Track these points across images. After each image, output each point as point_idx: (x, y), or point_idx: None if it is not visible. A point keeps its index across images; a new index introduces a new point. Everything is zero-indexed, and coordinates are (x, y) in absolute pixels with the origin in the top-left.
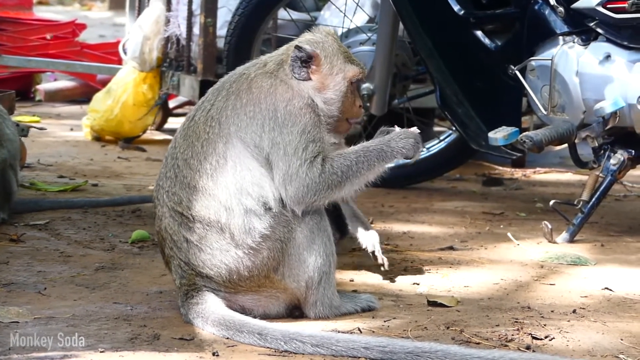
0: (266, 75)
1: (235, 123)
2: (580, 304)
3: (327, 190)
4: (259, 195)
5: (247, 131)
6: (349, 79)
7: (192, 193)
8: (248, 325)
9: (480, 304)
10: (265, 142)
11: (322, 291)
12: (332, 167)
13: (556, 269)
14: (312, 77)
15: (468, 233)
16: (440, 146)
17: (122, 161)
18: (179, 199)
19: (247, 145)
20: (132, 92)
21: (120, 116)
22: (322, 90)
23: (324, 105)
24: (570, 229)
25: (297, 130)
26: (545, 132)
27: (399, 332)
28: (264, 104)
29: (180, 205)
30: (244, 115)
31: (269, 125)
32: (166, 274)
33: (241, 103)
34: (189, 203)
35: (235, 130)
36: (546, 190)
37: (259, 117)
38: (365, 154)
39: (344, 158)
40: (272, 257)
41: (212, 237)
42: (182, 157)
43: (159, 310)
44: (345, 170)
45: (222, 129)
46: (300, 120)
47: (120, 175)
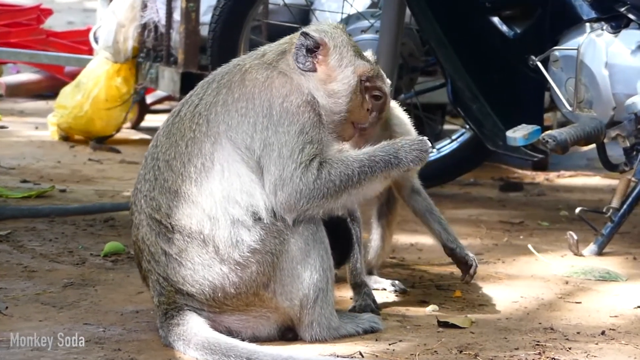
0: (263, 66)
1: (225, 121)
2: (610, 325)
3: (321, 198)
4: (248, 204)
5: (237, 131)
6: (359, 74)
7: (173, 199)
8: (235, 349)
9: (498, 325)
10: (256, 143)
11: (318, 310)
12: (330, 173)
13: (583, 285)
14: (317, 69)
15: (484, 245)
16: (452, 147)
17: (94, 164)
18: (157, 205)
19: (237, 147)
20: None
21: (91, 113)
22: (328, 83)
23: (327, 100)
24: (598, 240)
25: (295, 130)
26: (571, 131)
27: (405, 356)
28: (258, 99)
29: (159, 212)
30: (235, 112)
31: (262, 124)
32: (143, 291)
33: (233, 98)
34: (168, 210)
35: (225, 129)
36: (571, 197)
37: (251, 115)
38: (370, 163)
39: (345, 165)
40: (262, 272)
41: (193, 251)
42: (163, 157)
43: (135, 332)
44: (344, 179)
45: (210, 127)
46: (298, 119)
47: (91, 180)
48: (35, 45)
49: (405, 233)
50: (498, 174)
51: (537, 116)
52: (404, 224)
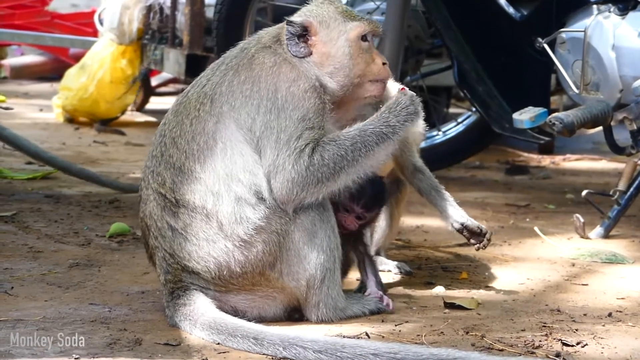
0: (268, 51)
1: (228, 102)
2: (617, 307)
3: (317, 184)
4: (251, 183)
5: (240, 112)
6: (353, 38)
7: (177, 174)
8: (242, 329)
9: (504, 307)
10: (257, 124)
11: (325, 291)
12: (322, 157)
13: (589, 267)
14: (312, 51)
15: (490, 227)
16: (458, 129)
17: (98, 146)
18: (162, 180)
19: (240, 127)
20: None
21: (96, 95)
22: (326, 61)
23: (331, 78)
24: (605, 223)
25: (298, 116)
26: (577, 114)
27: (412, 337)
28: (264, 83)
29: (163, 186)
30: (239, 94)
31: (265, 107)
32: (149, 272)
33: (239, 80)
34: (172, 185)
35: (228, 109)
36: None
37: (255, 97)
38: (362, 139)
39: (337, 146)
40: (268, 252)
41: (197, 226)
42: (169, 134)
43: (141, 312)
44: (338, 160)
45: (213, 107)
46: (303, 104)
47: (96, 162)
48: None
49: (411, 215)
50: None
51: (544, 98)
52: (410, 205)
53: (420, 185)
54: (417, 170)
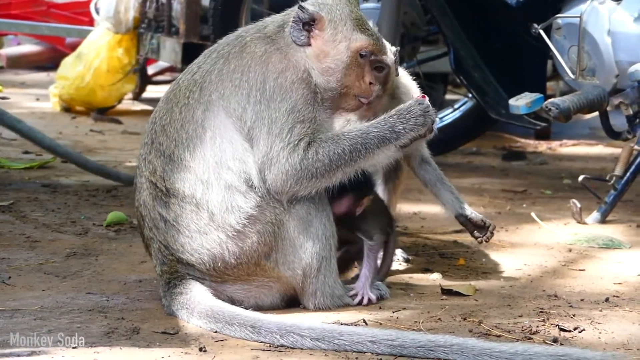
0: (262, 40)
1: (218, 90)
2: (614, 292)
3: (310, 179)
4: (240, 170)
5: (230, 100)
6: (353, 50)
7: (167, 163)
8: (239, 317)
9: (501, 293)
10: (248, 114)
11: (322, 279)
12: (317, 153)
13: (586, 252)
14: (312, 43)
15: (487, 213)
16: (455, 116)
17: (95, 134)
18: (153, 168)
19: (230, 115)
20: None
21: (93, 84)
22: (321, 59)
23: (321, 76)
24: (601, 208)
25: (286, 108)
26: (573, 99)
27: (409, 324)
28: (253, 72)
29: (154, 174)
30: (229, 82)
31: (254, 97)
32: (146, 261)
33: (228, 69)
34: (163, 173)
35: (217, 97)
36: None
37: (245, 87)
38: (363, 140)
39: (335, 144)
40: (263, 242)
41: (188, 217)
42: (160, 122)
43: (139, 301)
44: (334, 158)
45: (202, 94)
46: (291, 96)
47: (93, 151)
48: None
49: (409, 202)
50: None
51: (540, 84)
52: (407, 192)
53: (427, 176)
54: (424, 161)
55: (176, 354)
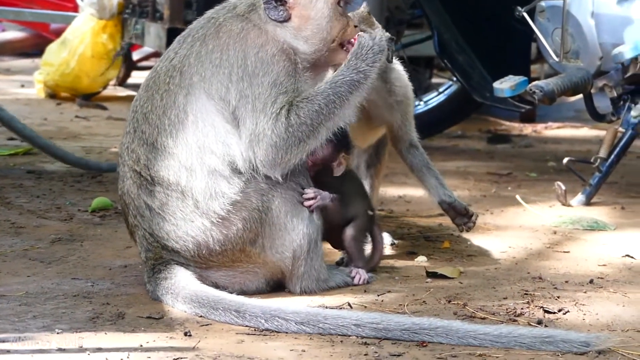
0: (237, 18)
1: (198, 72)
2: (598, 274)
3: (299, 143)
4: (224, 154)
5: (212, 81)
6: (332, 1)
7: (151, 151)
8: (224, 301)
9: (486, 275)
10: (232, 94)
11: (309, 262)
12: (299, 116)
13: (571, 235)
14: (291, 15)
15: (472, 196)
16: (440, 99)
17: (80, 121)
18: (137, 157)
19: (211, 97)
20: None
21: (78, 70)
22: (305, 24)
23: (305, 45)
24: (586, 190)
25: (268, 82)
26: (558, 82)
27: (394, 307)
28: (233, 50)
29: (138, 163)
30: (209, 64)
31: (237, 75)
32: (131, 246)
33: (206, 50)
34: (147, 162)
35: (198, 80)
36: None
37: (225, 66)
38: (334, 91)
39: (310, 102)
40: (248, 229)
41: (174, 204)
42: (141, 110)
43: (124, 287)
44: (314, 116)
45: (183, 79)
46: (273, 68)
47: (78, 137)
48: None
49: (394, 185)
50: (486, 126)
51: (524, 67)
52: (392, 176)
53: (414, 161)
54: (412, 146)
55: (161, 338)
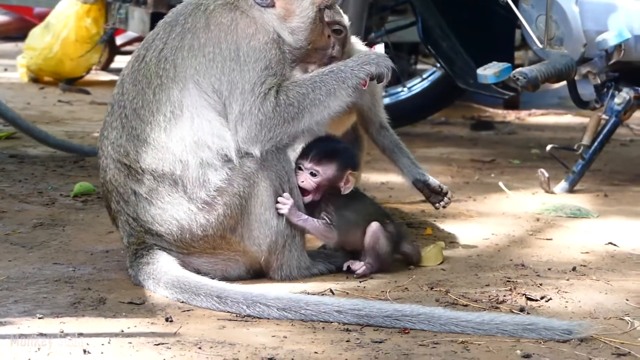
0: (226, 7)
1: (192, 66)
2: (581, 261)
3: (283, 124)
4: (219, 147)
5: (205, 75)
6: (317, 4)
7: (142, 146)
8: (205, 287)
9: (469, 262)
10: (224, 85)
11: (287, 254)
12: (288, 97)
13: (554, 222)
14: (275, 3)
15: (455, 183)
16: (423, 85)
17: (63, 105)
18: (125, 152)
19: (203, 91)
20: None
21: (61, 54)
22: (288, 18)
23: (290, 36)
24: (569, 178)
25: (261, 67)
26: (541, 68)
27: (376, 293)
28: (225, 43)
29: (127, 157)
30: (202, 58)
31: (229, 67)
32: (113, 231)
33: (199, 43)
34: (137, 156)
35: (192, 73)
36: (543, 135)
37: (219, 60)
38: (321, 78)
39: (298, 86)
40: (229, 215)
41: (163, 190)
42: (130, 106)
43: (105, 272)
44: (301, 98)
45: (177, 72)
46: (265, 55)
47: (61, 121)
48: None
49: (376, 172)
50: (469, 113)
51: (508, 54)
52: (374, 162)
53: (385, 142)
54: (383, 127)
55: (142, 324)
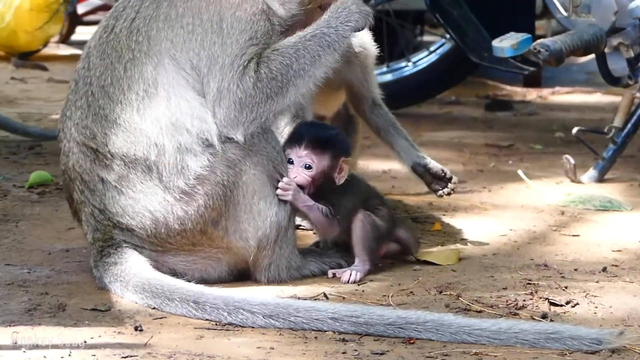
0: None
1: (168, 38)
2: (612, 261)
3: (266, 101)
4: (199, 130)
5: (182, 49)
6: None
7: (111, 127)
8: (180, 290)
9: (483, 262)
10: (203, 61)
11: (277, 251)
12: (270, 69)
13: (581, 216)
14: None
15: (467, 171)
16: (431, 60)
17: (17, 83)
18: (91, 134)
19: (181, 68)
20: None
21: (14, 25)
22: None
23: (280, 7)
24: (599, 165)
25: (245, 38)
26: (566, 40)
27: (376, 298)
28: (206, 14)
29: (93, 140)
30: (180, 29)
31: (210, 41)
32: (74, 227)
33: (176, 13)
34: (105, 138)
35: (168, 47)
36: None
37: (199, 32)
38: (304, 45)
39: (281, 55)
40: (211, 207)
41: (135, 177)
42: (97, 82)
43: (65, 274)
44: (285, 70)
45: (151, 46)
46: (252, 27)
47: (14, 102)
48: None
49: (377, 159)
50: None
51: (528, 23)
52: (375, 148)
53: (378, 121)
54: (376, 104)
55: (108, 333)
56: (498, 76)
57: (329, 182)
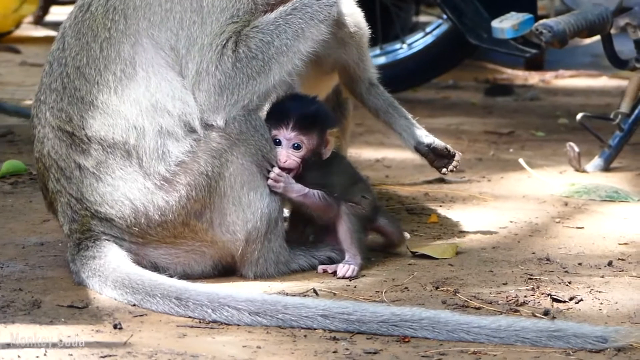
0: None
1: (146, 17)
2: (618, 254)
3: (248, 82)
4: (181, 112)
5: (161, 29)
6: None
7: (88, 110)
8: (162, 286)
9: (482, 256)
10: (181, 41)
11: (266, 244)
12: (249, 48)
13: (585, 207)
14: None
15: (466, 160)
16: (427, 41)
17: None
18: (67, 117)
19: (160, 48)
20: None
21: None
22: None
23: None
24: (605, 153)
25: (225, 17)
26: (570, 20)
27: (369, 294)
28: None
29: (69, 123)
30: (157, 7)
31: (189, 20)
32: (49, 219)
33: None
34: (81, 122)
35: (146, 26)
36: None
37: (177, 10)
38: (285, 19)
39: (261, 32)
40: (194, 198)
41: (114, 163)
42: (73, 63)
43: (40, 269)
44: (265, 48)
45: (128, 25)
46: (234, 4)
47: None
48: None
49: (370, 146)
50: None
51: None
52: (368, 135)
53: (377, 102)
54: (373, 85)
55: (85, 332)
56: (498, 59)
57: (315, 157)
